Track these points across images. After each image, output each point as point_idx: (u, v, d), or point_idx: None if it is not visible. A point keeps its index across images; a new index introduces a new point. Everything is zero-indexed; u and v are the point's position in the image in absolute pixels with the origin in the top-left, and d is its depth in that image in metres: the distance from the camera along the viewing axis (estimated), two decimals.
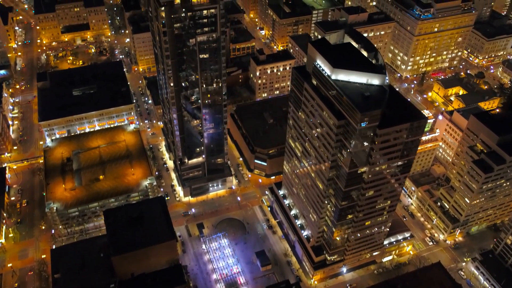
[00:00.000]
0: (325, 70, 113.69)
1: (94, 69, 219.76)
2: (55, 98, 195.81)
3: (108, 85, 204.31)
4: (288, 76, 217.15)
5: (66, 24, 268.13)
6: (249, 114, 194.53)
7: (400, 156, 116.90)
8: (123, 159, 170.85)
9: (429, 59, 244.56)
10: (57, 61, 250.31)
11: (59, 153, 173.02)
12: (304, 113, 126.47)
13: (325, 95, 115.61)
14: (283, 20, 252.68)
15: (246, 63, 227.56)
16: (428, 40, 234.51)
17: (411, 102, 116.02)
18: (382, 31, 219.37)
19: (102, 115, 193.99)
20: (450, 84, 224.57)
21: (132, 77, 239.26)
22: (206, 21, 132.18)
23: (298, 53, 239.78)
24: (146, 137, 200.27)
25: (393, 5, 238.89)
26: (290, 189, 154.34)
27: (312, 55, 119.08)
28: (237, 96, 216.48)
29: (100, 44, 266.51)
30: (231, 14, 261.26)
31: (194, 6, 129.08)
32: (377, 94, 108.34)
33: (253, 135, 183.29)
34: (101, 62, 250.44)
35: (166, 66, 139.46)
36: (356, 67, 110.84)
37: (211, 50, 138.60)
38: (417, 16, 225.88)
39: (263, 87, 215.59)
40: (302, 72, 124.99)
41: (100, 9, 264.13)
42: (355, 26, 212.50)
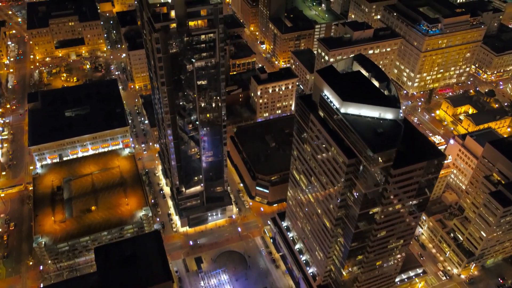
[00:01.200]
0: (333, 102, 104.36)
1: (87, 88, 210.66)
2: (46, 120, 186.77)
3: (102, 106, 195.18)
4: (291, 95, 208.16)
5: (60, 38, 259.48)
6: (250, 136, 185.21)
7: (415, 195, 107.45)
8: (117, 187, 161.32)
9: (436, 75, 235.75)
10: (50, 78, 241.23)
11: (49, 181, 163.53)
12: (310, 146, 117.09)
13: (333, 129, 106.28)
14: (284, 35, 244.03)
15: (246, 81, 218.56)
16: (436, 56, 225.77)
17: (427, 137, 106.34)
18: (388, 48, 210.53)
19: (95, 138, 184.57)
20: (459, 103, 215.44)
21: (128, 95, 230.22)
22: (205, 46, 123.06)
23: (301, 70, 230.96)
24: (142, 160, 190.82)
25: (399, 20, 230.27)
26: (294, 222, 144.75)
27: (319, 85, 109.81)
28: (237, 116, 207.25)
29: (95, 59, 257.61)
30: (230, 28, 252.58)
31: (191, 30, 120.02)
32: (391, 130, 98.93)
33: (254, 160, 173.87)
34: (96, 78, 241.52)
35: (161, 93, 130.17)
36: (368, 100, 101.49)
37: (210, 76, 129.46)
38: (424, 31, 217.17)
39: (264, 106, 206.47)
40: (307, 102, 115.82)
41: (95, 24, 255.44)
42: (360, 42, 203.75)
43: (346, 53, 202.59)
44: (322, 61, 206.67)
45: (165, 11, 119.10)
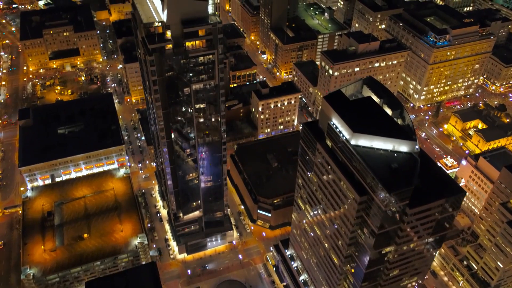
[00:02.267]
0: (343, 133, 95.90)
1: (81, 103, 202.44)
2: (38, 138, 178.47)
3: (96, 122, 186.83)
4: (293, 110, 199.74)
5: (55, 49, 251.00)
6: (251, 155, 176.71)
7: (432, 233, 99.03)
8: (111, 211, 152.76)
9: (444, 88, 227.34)
10: (44, 91, 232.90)
11: (39, 205, 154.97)
12: (317, 176, 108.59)
13: (343, 161, 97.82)
14: (286, 46, 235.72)
15: (247, 94, 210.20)
16: (444, 68, 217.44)
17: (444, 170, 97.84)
18: (394, 61, 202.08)
19: (89, 158, 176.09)
20: (468, 117, 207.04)
21: (124, 109, 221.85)
22: (203, 67, 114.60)
23: (303, 82, 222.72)
24: (138, 180, 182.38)
25: (405, 30, 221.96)
26: (298, 251, 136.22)
27: (326, 112, 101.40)
28: (237, 132, 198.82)
29: (91, 70, 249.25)
30: (230, 38, 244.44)
31: (188, 51, 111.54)
32: (406, 165, 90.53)
33: (256, 181, 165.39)
34: (92, 91, 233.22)
35: (157, 117, 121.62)
36: (381, 131, 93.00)
37: (209, 99, 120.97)
38: (432, 43, 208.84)
39: (266, 122, 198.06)
40: (314, 129, 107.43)
41: (91, 34, 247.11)
42: (365, 55, 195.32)
43: (351, 66, 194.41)
44: (326, 74, 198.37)
45: (160, 31, 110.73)
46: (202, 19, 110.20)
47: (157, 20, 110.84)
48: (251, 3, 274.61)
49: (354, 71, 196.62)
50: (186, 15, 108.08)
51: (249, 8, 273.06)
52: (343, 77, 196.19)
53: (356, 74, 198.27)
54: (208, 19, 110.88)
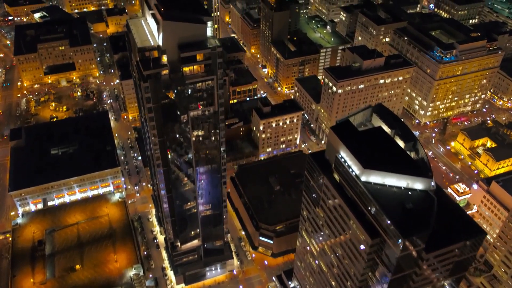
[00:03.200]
0: (352, 168, 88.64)
1: (76, 121, 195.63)
2: (30, 160, 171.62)
3: (91, 142, 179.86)
4: (296, 128, 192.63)
5: (50, 63, 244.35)
6: (252, 177, 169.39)
7: (449, 275, 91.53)
8: (105, 240, 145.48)
9: (450, 104, 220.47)
10: (38, 107, 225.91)
11: (30, 233, 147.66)
12: (323, 212, 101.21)
13: (352, 198, 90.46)
14: (288, 60, 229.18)
15: (247, 111, 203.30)
16: (450, 84, 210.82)
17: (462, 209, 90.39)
18: (400, 77, 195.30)
19: (83, 181, 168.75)
20: (477, 135, 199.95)
21: (120, 126, 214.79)
22: (201, 94, 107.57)
23: (306, 98, 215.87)
24: (134, 203, 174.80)
25: (410, 45, 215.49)
26: (303, 285, 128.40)
27: (334, 144, 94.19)
28: (238, 152, 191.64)
29: (87, 86, 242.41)
30: (230, 53, 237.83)
31: (186, 77, 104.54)
32: (422, 205, 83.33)
33: (257, 206, 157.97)
34: (87, 107, 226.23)
35: (152, 145, 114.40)
36: (394, 167, 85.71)
37: (208, 126, 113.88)
38: (438, 58, 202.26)
39: (267, 141, 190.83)
40: (320, 160, 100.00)
41: (87, 48, 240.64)
42: (370, 72, 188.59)
43: (356, 83, 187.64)
44: (330, 91, 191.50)
45: (156, 55, 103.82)
46: (200, 43, 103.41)
47: (153, 44, 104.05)
48: (252, 16, 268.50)
49: (358, 88, 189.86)
50: (183, 39, 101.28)
51: (250, 20, 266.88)
52: (347, 94, 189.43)
53: (361, 91, 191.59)
54: (206, 43, 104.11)
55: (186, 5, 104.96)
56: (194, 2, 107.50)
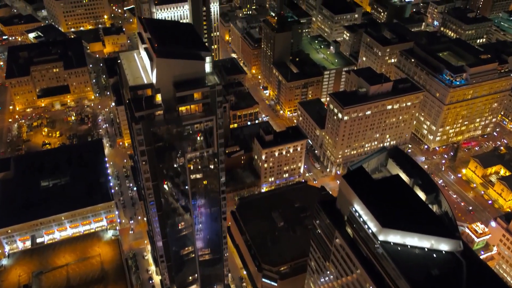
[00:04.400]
0: (368, 225, 78.76)
1: (68, 150, 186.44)
2: (19, 193, 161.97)
3: (84, 174, 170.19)
4: (300, 157, 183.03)
5: (44, 86, 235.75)
6: (254, 212, 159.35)
7: None
8: (97, 283, 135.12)
9: (460, 128, 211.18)
10: (30, 133, 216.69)
11: (15, 276, 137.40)
12: (335, 267, 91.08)
13: (368, 257, 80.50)
14: (290, 83, 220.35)
15: (248, 137, 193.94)
16: (460, 108, 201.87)
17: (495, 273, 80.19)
18: (408, 102, 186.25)
19: (74, 216, 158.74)
20: (489, 162, 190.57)
21: (116, 153, 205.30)
22: (199, 135, 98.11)
23: (309, 124, 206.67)
24: (128, 239, 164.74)
25: (418, 67, 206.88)
26: None
27: (347, 195, 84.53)
28: (238, 182, 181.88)
29: (81, 109, 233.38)
30: (230, 75, 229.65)
31: (182, 118, 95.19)
32: (449, 271, 73.44)
33: (260, 244, 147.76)
34: (82, 132, 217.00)
35: (146, 190, 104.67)
36: (416, 226, 75.99)
37: (206, 168, 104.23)
38: (448, 82, 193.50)
39: (270, 171, 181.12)
40: (331, 211, 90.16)
41: (81, 71, 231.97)
42: (377, 98, 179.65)
43: (362, 110, 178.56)
44: (335, 118, 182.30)
45: (149, 93, 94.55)
46: (198, 80, 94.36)
47: (146, 82, 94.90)
48: (252, 35, 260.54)
49: (365, 115, 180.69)
50: (179, 77, 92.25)
51: (250, 40, 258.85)
52: (353, 121, 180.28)
53: (368, 118, 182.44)
54: (205, 80, 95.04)
55: (183, 39, 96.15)
56: (191, 36, 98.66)
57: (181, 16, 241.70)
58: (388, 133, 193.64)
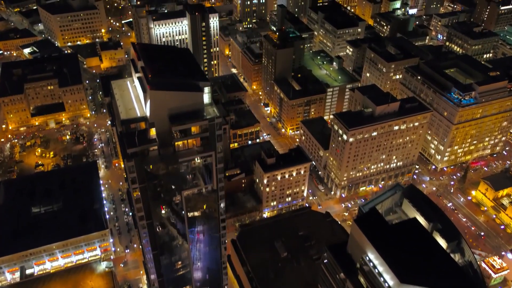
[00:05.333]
0: (384, 277, 70.78)
1: (61, 174, 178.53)
2: (8, 220, 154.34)
3: (77, 199, 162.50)
4: (303, 180, 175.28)
5: (38, 104, 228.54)
6: (256, 241, 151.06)
7: None
8: None
9: (469, 147, 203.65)
10: (23, 153, 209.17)
11: None
12: None
13: None
14: (292, 101, 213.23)
15: (249, 158, 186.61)
16: (469, 127, 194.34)
17: None
18: (416, 122, 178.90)
19: (66, 246, 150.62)
20: (500, 184, 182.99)
21: (111, 174, 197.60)
22: (197, 172, 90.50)
23: (312, 144, 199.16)
24: (123, 268, 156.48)
25: (425, 85, 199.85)
26: None
27: (360, 242, 76.77)
28: (239, 207, 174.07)
29: (77, 128, 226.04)
30: (230, 92, 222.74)
31: (179, 154, 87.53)
32: None
33: (262, 276, 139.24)
34: (77, 152, 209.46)
35: (140, 228, 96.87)
36: (438, 281, 68.05)
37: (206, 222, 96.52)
38: (456, 101, 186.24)
39: (272, 195, 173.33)
40: (341, 257, 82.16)
41: (77, 88, 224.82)
42: (384, 119, 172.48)
43: (368, 131, 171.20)
44: (340, 139, 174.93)
45: (143, 126, 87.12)
46: (196, 112, 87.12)
47: (139, 114, 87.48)
48: (253, 51, 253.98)
49: (371, 136, 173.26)
50: (175, 110, 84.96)
51: (251, 55, 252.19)
52: (359, 142, 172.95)
53: (374, 139, 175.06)
54: (203, 113, 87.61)
55: (179, 68, 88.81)
56: (189, 63, 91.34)
57: (179, 32, 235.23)
58: (395, 154, 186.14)
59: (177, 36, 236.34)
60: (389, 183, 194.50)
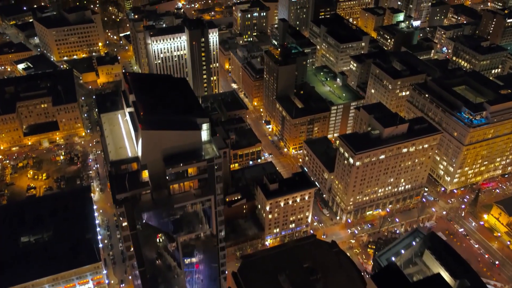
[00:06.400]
0: None
1: (53, 200, 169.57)
2: None
3: (69, 228, 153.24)
4: (307, 206, 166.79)
5: (31, 122, 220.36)
6: (258, 274, 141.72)
7: None
8: None
9: (479, 168, 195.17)
10: (15, 175, 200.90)
11: None
12: None
13: None
14: (295, 120, 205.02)
15: (251, 181, 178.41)
16: (480, 148, 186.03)
17: None
18: (425, 144, 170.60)
19: (57, 279, 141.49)
20: None
21: (106, 198, 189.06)
22: (194, 217, 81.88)
23: (316, 165, 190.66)
24: None
25: (433, 104, 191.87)
26: None
27: None
28: (240, 234, 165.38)
29: (71, 147, 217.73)
30: (231, 110, 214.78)
31: (174, 198, 78.95)
32: None
33: None
34: (70, 174, 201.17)
35: (134, 277, 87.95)
36: None
37: (204, 251, 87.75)
38: (467, 121, 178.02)
39: (275, 222, 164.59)
40: None
41: (71, 107, 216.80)
42: (392, 141, 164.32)
43: (376, 154, 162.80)
44: (346, 163, 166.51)
45: (135, 167, 78.59)
46: (193, 152, 78.58)
47: (130, 155, 78.99)
48: (254, 66, 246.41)
49: (379, 159, 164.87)
50: (170, 150, 76.35)
51: (252, 71, 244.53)
52: (366, 166, 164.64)
53: (381, 162, 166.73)
54: (201, 152, 79.05)
55: (175, 102, 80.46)
56: (185, 97, 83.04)
57: (178, 47, 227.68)
58: (403, 177, 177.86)
59: (176, 52, 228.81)
60: (397, 206, 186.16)
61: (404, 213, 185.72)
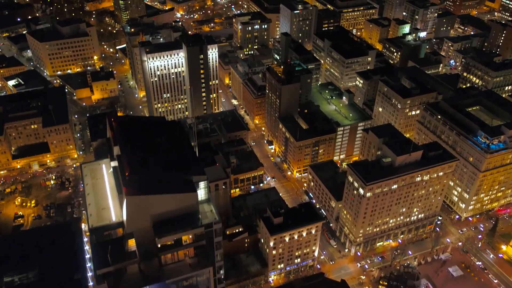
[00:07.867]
0: None
1: (40, 234, 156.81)
2: None
3: (56, 267, 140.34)
4: (314, 240, 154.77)
5: (20, 144, 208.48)
6: None
7: None
8: None
9: (496, 194, 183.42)
10: (2, 202, 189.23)
11: None
12: None
13: None
14: (300, 142, 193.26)
15: (253, 209, 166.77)
16: (498, 174, 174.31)
17: None
18: (440, 172, 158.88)
19: None
20: None
21: None
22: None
23: (322, 192, 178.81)
24: None
25: (446, 126, 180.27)
26: None
27: None
28: (241, 271, 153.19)
29: (62, 171, 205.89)
30: (231, 131, 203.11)
31: (165, 270, 67.04)
32: None
33: None
34: (61, 201, 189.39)
35: None
36: None
37: None
38: (484, 146, 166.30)
39: (279, 257, 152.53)
40: None
41: (63, 128, 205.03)
42: (405, 170, 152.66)
43: (388, 184, 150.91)
44: (355, 193, 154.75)
45: (120, 232, 66.71)
46: (188, 217, 66.56)
47: (114, 219, 67.07)
48: (255, 82, 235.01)
49: (391, 189, 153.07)
50: (160, 216, 64.36)
51: (253, 88, 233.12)
52: (377, 197, 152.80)
53: (393, 192, 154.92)
54: (197, 216, 67.13)
55: (166, 155, 68.57)
56: (180, 146, 71.19)
57: (175, 64, 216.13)
58: (416, 206, 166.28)
59: (173, 69, 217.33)
60: (409, 236, 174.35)
61: (417, 243, 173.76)
